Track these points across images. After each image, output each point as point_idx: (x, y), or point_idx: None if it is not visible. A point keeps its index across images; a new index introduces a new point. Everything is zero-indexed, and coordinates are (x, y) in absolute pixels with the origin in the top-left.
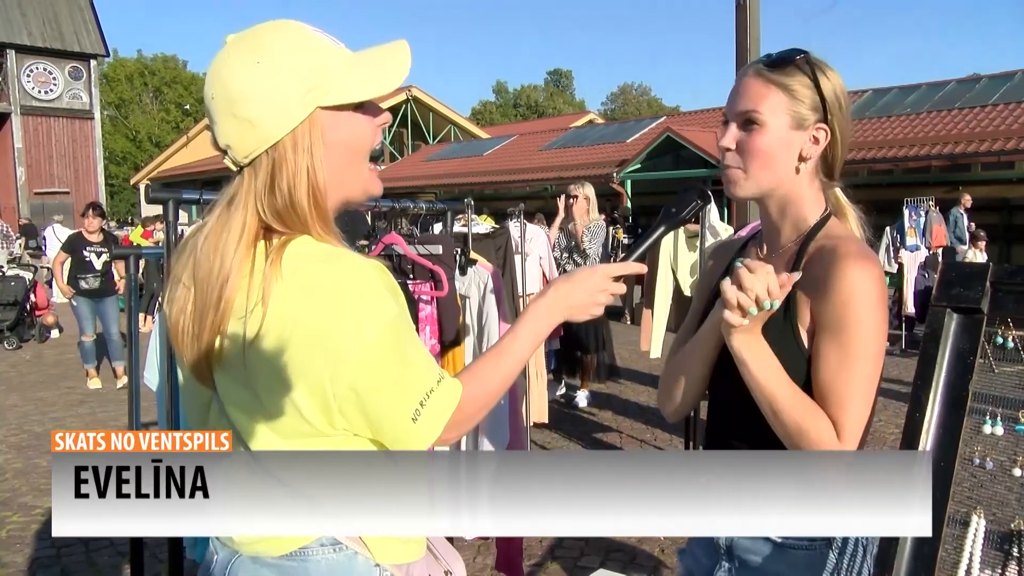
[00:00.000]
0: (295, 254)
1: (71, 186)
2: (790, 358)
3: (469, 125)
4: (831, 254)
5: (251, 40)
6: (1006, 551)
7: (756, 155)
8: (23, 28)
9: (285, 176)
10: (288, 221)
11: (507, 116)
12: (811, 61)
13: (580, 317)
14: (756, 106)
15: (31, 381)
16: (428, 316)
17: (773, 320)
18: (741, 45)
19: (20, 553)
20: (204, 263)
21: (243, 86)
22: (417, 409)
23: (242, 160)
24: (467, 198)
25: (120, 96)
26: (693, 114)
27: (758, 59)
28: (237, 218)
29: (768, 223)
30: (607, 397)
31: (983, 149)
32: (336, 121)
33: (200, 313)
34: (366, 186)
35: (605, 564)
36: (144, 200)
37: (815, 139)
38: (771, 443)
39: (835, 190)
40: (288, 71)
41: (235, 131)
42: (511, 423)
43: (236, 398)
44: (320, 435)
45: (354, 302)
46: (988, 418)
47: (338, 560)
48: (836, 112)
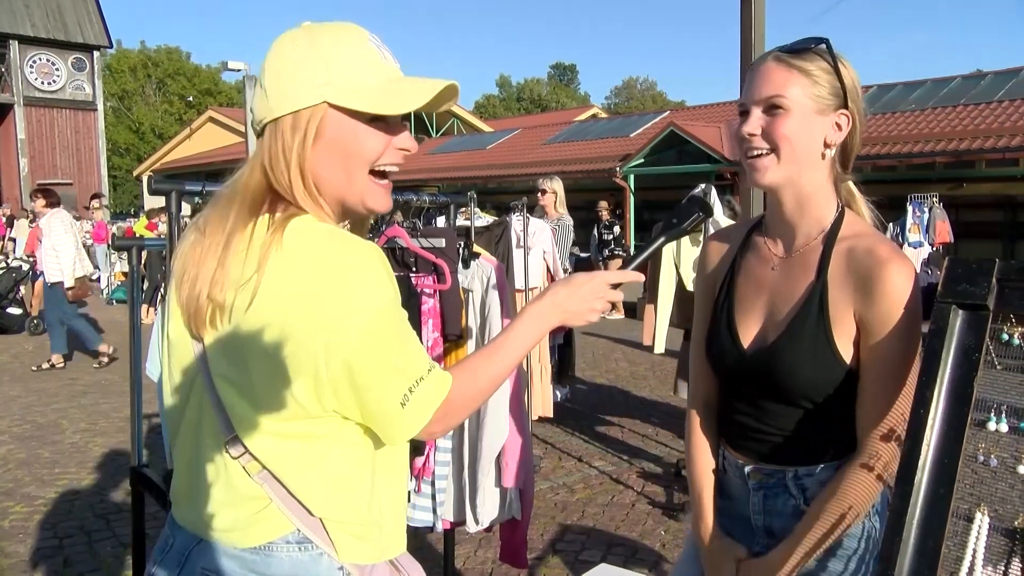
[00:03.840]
0: (297, 228)
1: (74, 177)
2: (827, 370)
3: (472, 119)
4: (868, 257)
5: (312, 28)
6: (1009, 548)
7: (783, 139)
8: (26, 19)
9: (281, 151)
10: (286, 192)
11: (510, 110)
12: (830, 48)
13: (575, 322)
14: (780, 91)
15: (34, 372)
16: (431, 309)
17: (806, 334)
18: (746, 39)
19: (23, 543)
20: (215, 207)
21: (274, 60)
22: (406, 395)
23: (255, 125)
24: (470, 191)
25: (123, 87)
26: (697, 109)
27: (775, 48)
28: (248, 170)
29: (780, 217)
30: (610, 392)
31: (988, 146)
32: (341, 122)
33: (204, 257)
34: (364, 196)
35: (607, 558)
36: (147, 192)
37: (837, 126)
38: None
39: (847, 182)
40: (313, 60)
41: (258, 98)
42: (514, 417)
43: (226, 371)
44: (308, 417)
45: (356, 277)
46: (992, 415)
47: (302, 559)
48: (855, 99)
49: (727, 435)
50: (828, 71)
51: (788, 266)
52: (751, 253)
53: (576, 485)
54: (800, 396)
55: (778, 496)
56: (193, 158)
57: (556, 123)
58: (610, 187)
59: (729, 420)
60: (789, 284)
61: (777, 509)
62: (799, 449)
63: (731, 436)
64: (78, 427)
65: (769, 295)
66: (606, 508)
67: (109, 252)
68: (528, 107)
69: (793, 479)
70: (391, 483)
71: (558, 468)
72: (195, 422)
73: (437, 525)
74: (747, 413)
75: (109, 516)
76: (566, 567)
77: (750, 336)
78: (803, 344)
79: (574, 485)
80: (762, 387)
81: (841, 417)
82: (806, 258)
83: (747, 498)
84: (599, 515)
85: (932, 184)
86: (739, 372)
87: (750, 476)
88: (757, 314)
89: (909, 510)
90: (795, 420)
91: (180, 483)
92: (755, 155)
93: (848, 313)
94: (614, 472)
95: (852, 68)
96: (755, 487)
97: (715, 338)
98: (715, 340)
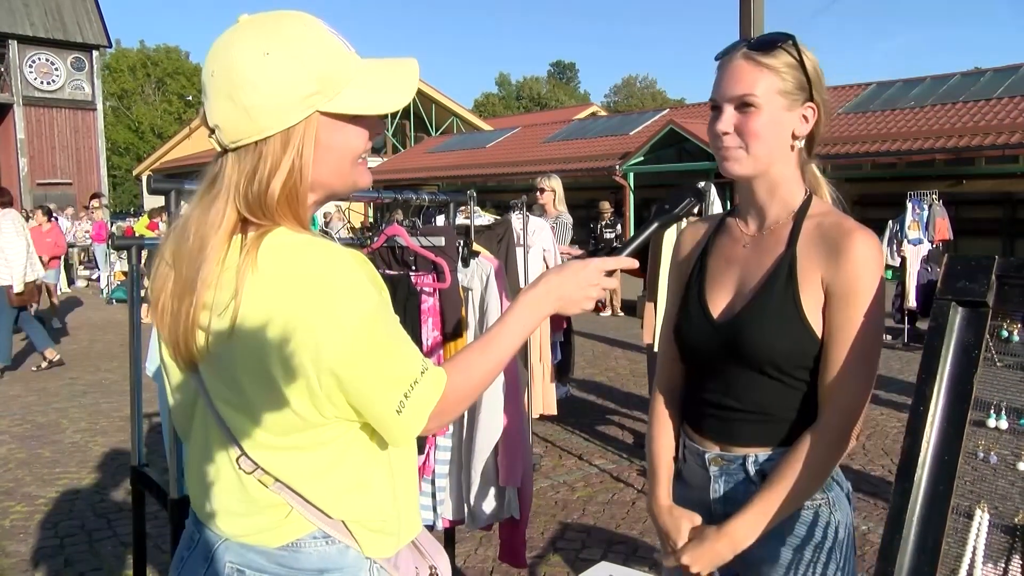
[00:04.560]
0: (271, 246)
1: (73, 177)
2: (793, 334)
3: (472, 117)
4: (836, 228)
5: (266, 27)
6: (1009, 545)
7: (754, 136)
8: (25, 19)
9: (268, 169)
10: (258, 212)
11: (510, 108)
12: (795, 43)
13: (570, 310)
14: (750, 89)
15: (34, 371)
16: (430, 308)
17: (774, 300)
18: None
19: (24, 543)
20: (184, 242)
21: (247, 73)
22: (402, 401)
23: (229, 144)
24: (470, 190)
25: (122, 87)
26: (696, 106)
27: (740, 42)
28: (219, 203)
29: (753, 202)
30: (609, 389)
31: (987, 143)
32: (332, 127)
33: (180, 292)
34: (354, 181)
35: (607, 556)
36: (146, 191)
37: (804, 118)
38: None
39: (811, 166)
40: (296, 70)
41: (229, 114)
42: (513, 417)
43: (224, 394)
44: (312, 427)
45: (333, 290)
46: (992, 412)
47: (329, 552)
48: (820, 90)
49: (691, 418)
50: (794, 66)
51: (758, 242)
52: (723, 235)
53: (576, 483)
54: (766, 362)
55: (739, 483)
56: (193, 157)
57: (555, 121)
58: (610, 185)
59: (694, 400)
60: (759, 257)
61: (738, 498)
62: (761, 427)
63: (695, 418)
64: (78, 426)
65: (740, 269)
66: (606, 506)
67: (109, 252)
68: (528, 105)
69: (754, 463)
70: (407, 471)
71: (558, 466)
72: (203, 441)
73: (437, 523)
74: (713, 390)
75: (110, 515)
76: (566, 565)
77: (719, 307)
78: (771, 308)
79: (574, 483)
80: (729, 356)
81: (805, 395)
82: (776, 234)
83: (707, 486)
84: (599, 513)
85: (932, 181)
86: (708, 343)
87: (711, 463)
88: (727, 287)
89: (909, 507)
90: (759, 391)
91: (198, 495)
92: (725, 149)
93: (816, 280)
94: (614, 470)
95: (813, 57)
96: (716, 474)
97: (685, 314)
98: (685, 316)
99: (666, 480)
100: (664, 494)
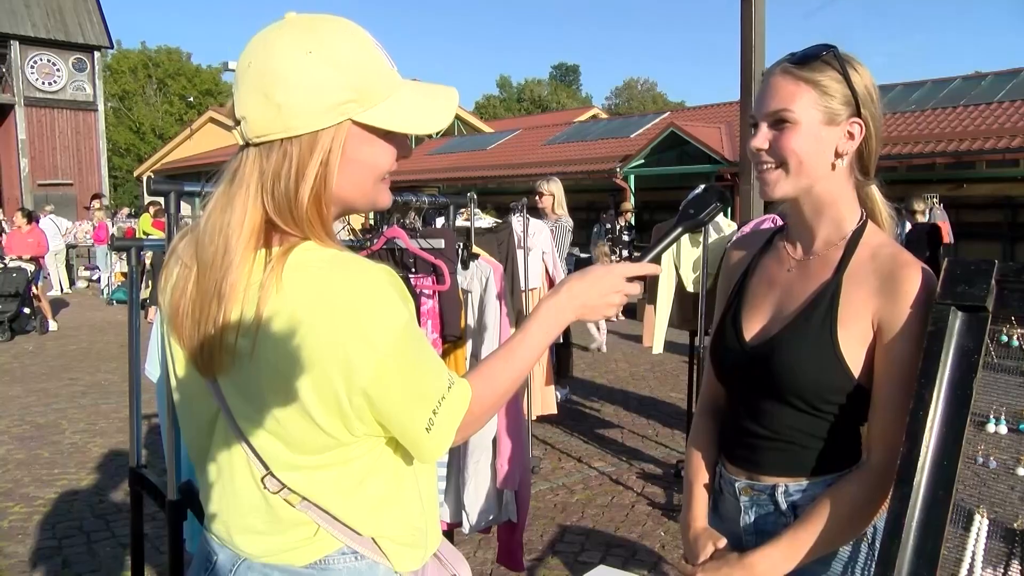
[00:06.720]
0: (298, 263)
1: (74, 178)
2: (826, 368)
3: (473, 119)
4: (892, 261)
5: (312, 27)
6: (1008, 550)
7: (791, 154)
8: (27, 19)
9: (293, 172)
10: (288, 219)
11: (511, 110)
12: (839, 56)
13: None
14: (787, 104)
15: (33, 372)
16: (430, 310)
17: (809, 329)
18: (746, 39)
19: (22, 544)
20: (208, 244)
21: (285, 70)
22: (431, 419)
23: (253, 138)
24: (470, 192)
25: (124, 88)
26: (697, 109)
27: (784, 57)
28: (240, 199)
29: (800, 222)
30: (609, 392)
31: (988, 147)
32: (362, 140)
33: (202, 299)
34: (374, 200)
35: (606, 559)
36: (146, 192)
37: (850, 134)
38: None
39: (870, 188)
40: (335, 74)
41: (258, 108)
42: (511, 420)
43: (249, 413)
44: (341, 445)
45: (366, 309)
46: (992, 417)
47: (359, 567)
48: (868, 105)
49: (726, 445)
50: (838, 80)
51: (804, 267)
52: (769, 256)
53: (575, 486)
54: (792, 391)
55: (768, 515)
56: (193, 158)
57: (556, 124)
58: (610, 188)
59: (729, 426)
60: (803, 282)
61: (768, 529)
62: (788, 456)
63: (729, 445)
64: (77, 427)
65: (781, 293)
66: (605, 509)
67: (109, 252)
68: (529, 108)
69: (784, 495)
70: (430, 482)
71: (557, 469)
72: (225, 460)
73: None
74: (743, 415)
75: (108, 516)
76: (565, 568)
77: (754, 331)
78: (805, 338)
79: (573, 486)
80: (759, 382)
81: (834, 427)
82: (824, 259)
83: (738, 517)
84: (598, 516)
85: (932, 185)
86: (739, 367)
87: (741, 492)
88: (764, 311)
89: (908, 512)
90: (786, 419)
91: (217, 514)
92: (764, 169)
93: (863, 315)
94: (613, 473)
95: (865, 71)
96: (747, 504)
97: (721, 335)
98: (721, 336)
99: (700, 499)
100: (695, 515)
